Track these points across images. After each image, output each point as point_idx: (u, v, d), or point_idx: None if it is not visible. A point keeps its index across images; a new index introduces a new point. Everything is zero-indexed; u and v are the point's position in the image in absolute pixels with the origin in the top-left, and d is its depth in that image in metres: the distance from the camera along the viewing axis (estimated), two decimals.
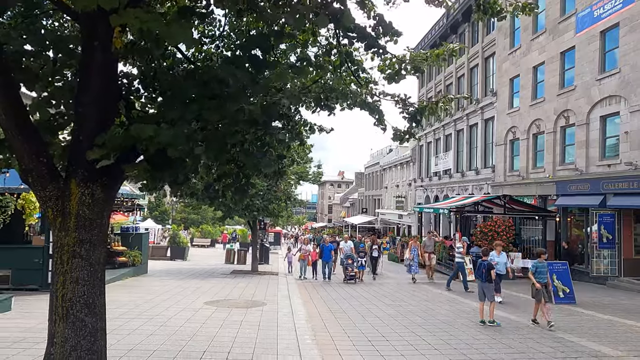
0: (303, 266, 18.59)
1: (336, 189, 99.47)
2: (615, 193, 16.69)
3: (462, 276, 15.87)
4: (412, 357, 7.17)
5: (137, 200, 18.27)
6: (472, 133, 29.92)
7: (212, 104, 3.22)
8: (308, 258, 18.65)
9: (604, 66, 18.02)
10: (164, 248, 28.24)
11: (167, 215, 58.29)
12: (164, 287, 13.81)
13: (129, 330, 7.99)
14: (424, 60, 4.92)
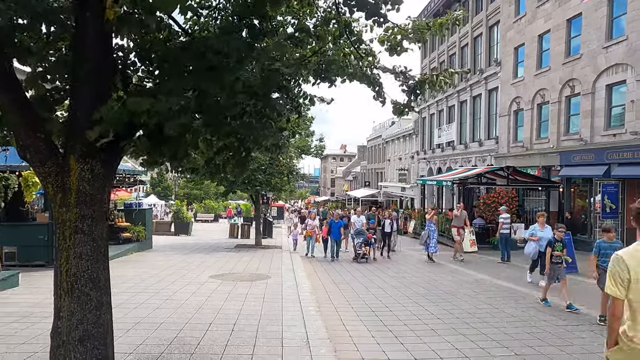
0: (310, 243, 17.05)
1: (339, 163, 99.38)
2: (620, 163, 16.58)
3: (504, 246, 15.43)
4: (415, 326, 7.26)
5: (139, 176, 18.29)
6: (476, 104, 29.61)
7: (209, 75, 3.16)
8: (315, 234, 17.18)
9: (611, 33, 17.64)
10: (168, 223, 28.44)
11: (169, 191, 58.57)
12: (168, 261, 13.95)
13: (135, 304, 8.10)
14: (427, 29, 4.79)
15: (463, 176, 22.54)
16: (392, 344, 6.36)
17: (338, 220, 16.48)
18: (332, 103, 5.50)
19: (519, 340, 6.55)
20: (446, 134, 33.59)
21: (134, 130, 3.66)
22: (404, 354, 5.92)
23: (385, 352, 5.99)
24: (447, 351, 6.05)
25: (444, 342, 6.43)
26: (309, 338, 6.24)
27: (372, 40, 4.79)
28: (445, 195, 33.02)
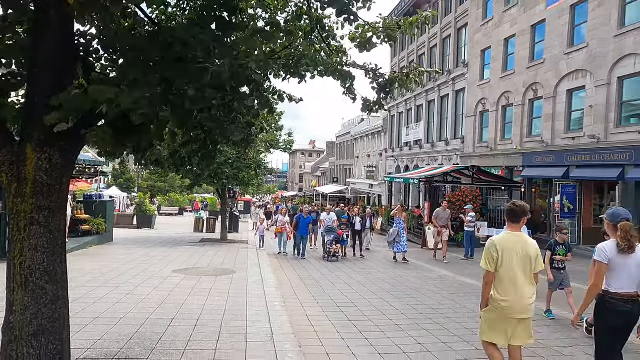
0: (282, 240, 16.27)
1: (307, 158, 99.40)
2: (578, 165, 17.26)
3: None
4: (379, 321, 7.35)
5: (101, 167, 17.76)
6: (443, 104, 30.16)
7: (177, 67, 3.08)
8: (286, 231, 16.29)
9: (573, 40, 18.29)
10: (130, 216, 27.79)
11: (132, 183, 57.18)
12: (130, 255, 13.63)
13: (94, 298, 7.87)
14: (397, 28, 4.84)
15: (430, 174, 22.96)
16: (356, 339, 6.41)
17: (307, 216, 15.91)
18: (301, 101, 5.47)
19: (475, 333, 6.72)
20: (414, 133, 34.09)
21: (96, 119, 3.54)
22: (367, 349, 5.98)
23: (350, 347, 6.04)
24: (410, 346, 6.15)
25: (408, 337, 6.53)
26: (273, 333, 6.22)
27: (344, 37, 4.80)
28: (412, 192, 33.56)
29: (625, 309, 4.05)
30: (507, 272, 4.24)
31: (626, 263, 4.08)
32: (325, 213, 16.90)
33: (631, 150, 15.01)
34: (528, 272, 4.28)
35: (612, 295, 4.10)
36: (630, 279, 4.08)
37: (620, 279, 4.09)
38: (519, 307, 4.21)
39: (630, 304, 4.06)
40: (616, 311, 4.07)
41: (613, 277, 4.11)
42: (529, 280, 4.28)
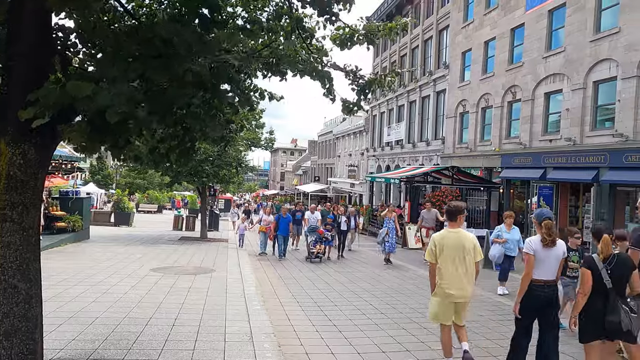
0: (264, 240, 15.81)
1: (289, 157, 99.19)
2: (555, 167, 17.61)
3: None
4: (359, 320, 7.39)
5: (78, 163, 17.41)
6: (424, 105, 30.43)
7: (156, 63, 3.04)
8: (270, 231, 15.67)
9: (550, 44, 18.64)
10: (108, 213, 27.31)
11: (110, 180, 56.24)
12: (107, 253, 13.40)
13: (69, 297, 7.72)
14: (377, 32, 4.88)
15: (410, 174, 23.16)
16: (336, 338, 6.44)
17: (287, 215, 15.44)
18: (282, 100, 5.46)
19: None
20: (395, 133, 34.32)
21: (73, 115, 3.47)
22: (347, 348, 6.01)
23: (329, 346, 6.05)
24: (389, 345, 6.20)
25: (387, 337, 6.58)
26: (252, 333, 6.20)
27: (324, 38, 4.81)
28: (393, 192, 33.79)
29: (543, 292, 4.74)
30: (446, 262, 5.06)
31: (547, 255, 4.76)
32: (309, 212, 16.44)
33: (605, 153, 15.38)
34: (465, 262, 5.05)
35: (535, 282, 4.76)
36: (550, 269, 4.77)
37: (542, 268, 4.75)
38: (457, 292, 5.03)
39: (547, 288, 4.76)
40: (538, 295, 4.74)
41: (536, 267, 4.76)
42: (466, 269, 5.05)
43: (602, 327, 4.28)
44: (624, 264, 4.41)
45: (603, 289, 4.30)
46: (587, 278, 4.36)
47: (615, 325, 4.21)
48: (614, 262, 4.35)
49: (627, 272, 4.40)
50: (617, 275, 4.33)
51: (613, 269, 4.33)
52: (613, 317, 4.20)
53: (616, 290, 4.30)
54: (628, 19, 14.90)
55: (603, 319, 4.25)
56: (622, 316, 4.18)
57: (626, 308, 4.25)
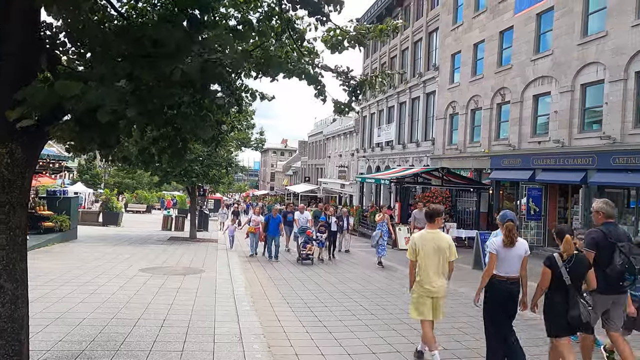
0: (254, 241, 15.33)
1: (279, 157, 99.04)
2: (544, 168, 17.79)
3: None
4: (349, 321, 7.40)
5: (66, 162, 17.22)
6: (415, 106, 30.57)
7: (145, 63, 3.01)
8: (260, 232, 15.26)
9: (539, 47, 18.84)
10: (96, 213, 27.04)
11: (99, 179, 55.71)
12: (95, 253, 13.28)
13: (57, 297, 7.64)
14: (368, 33, 4.89)
15: (400, 175, 23.25)
16: (326, 339, 6.44)
17: (277, 216, 15.01)
18: (273, 99, 5.46)
19: (447, 335, 6.85)
20: (385, 134, 34.43)
21: (61, 114, 3.43)
22: (337, 349, 6.02)
23: (319, 347, 6.06)
24: (379, 346, 6.21)
25: (377, 337, 6.60)
26: (242, 334, 6.18)
27: (316, 39, 4.81)
28: (383, 193, 33.89)
29: (507, 287, 5.18)
30: (424, 260, 5.49)
31: (508, 254, 5.19)
32: (298, 212, 16.20)
33: (593, 155, 15.58)
34: (442, 261, 5.51)
35: (498, 278, 5.20)
36: (512, 266, 5.21)
37: (504, 265, 5.20)
38: (434, 287, 5.46)
39: (510, 284, 5.19)
40: (501, 289, 5.19)
41: (499, 264, 5.21)
42: (442, 267, 5.52)
43: (566, 322, 4.70)
44: (581, 263, 4.83)
45: (563, 286, 4.74)
46: (547, 276, 4.84)
47: (576, 319, 4.65)
48: (573, 262, 4.77)
49: (583, 270, 4.85)
50: (575, 273, 4.77)
51: (572, 267, 4.76)
52: (574, 311, 4.65)
53: (574, 286, 4.74)
54: (615, 23, 15.11)
55: (566, 313, 4.67)
56: (581, 309, 4.65)
57: (584, 302, 4.73)
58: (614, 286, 5.10)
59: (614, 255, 5.04)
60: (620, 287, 5.14)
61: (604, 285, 5.01)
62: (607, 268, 5.04)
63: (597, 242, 5.15)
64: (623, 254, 5.04)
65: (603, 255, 5.09)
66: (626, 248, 5.12)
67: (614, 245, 5.07)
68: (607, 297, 5.15)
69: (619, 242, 5.11)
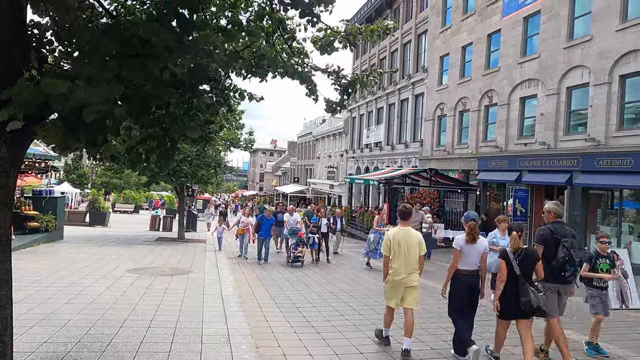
0: (243, 243, 15.10)
1: (268, 157, 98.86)
2: (530, 170, 17.99)
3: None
4: (337, 321, 7.42)
5: (52, 161, 17.02)
6: (403, 107, 30.72)
7: (134, 63, 3.00)
8: (248, 233, 15.06)
9: (526, 50, 19.06)
10: (83, 213, 26.75)
11: (86, 179, 55.10)
12: (81, 254, 13.14)
13: (41, 299, 7.55)
14: (359, 34, 4.92)
15: (389, 176, 23.34)
16: (314, 339, 6.45)
17: (270, 217, 14.60)
18: (262, 100, 5.46)
19: (434, 335, 6.91)
20: (374, 135, 34.55)
21: (48, 113, 3.40)
22: (325, 349, 6.03)
23: (307, 347, 6.07)
24: (367, 346, 6.24)
25: (364, 337, 6.63)
26: (230, 334, 6.17)
27: (305, 40, 4.83)
28: (372, 194, 34.00)
29: (467, 280, 5.88)
30: (398, 255, 6.04)
31: (470, 250, 5.86)
32: (287, 214, 15.69)
33: (578, 157, 15.80)
34: (413, 255, 6.05)
35: (460, 271, 5.89)
36: (472, 261, 5.87)
37: (465, 260, 5.87)
38: (406, 278, 6.04)
39: (471, 277, 5.89)
40: (463, 280, 5.88)
41: (462, 259, 5.87)
42: (413, 261, 6.06)
43: (518, 307, 5.33)
44: (530, 256, 5.51)
45: (514, 276, 5.40)
46: (503, 266, 5.48)
47: (527, 304, 5.27)
48: (522, 255, 5.47)
49: (532, 262, 5.51)
50: (524, 264, 5.43)
51: (521, 260, 5.44)
52: (525, 298, 5.29)
53: (524, 276, 5.39)
54: (600, 27, 15.34)
55: (517, 300, 5.30)
56: (531, 296, 5.28)
57: (533, 289, 5.35)
58: (558, 276, 5.72)
59: (558, 249, 5.66)
60: (563, 277, 5.74)
61: (550, 275, 5.68)
62: (553, 260, 5.68)
63: (545, 238, 5.78)
64: (565, 248, 5.65)
65: (549, 249, 5.72)
66: (569, 243, 5.71)
67: (559, 240, 5.69)
68: (552, 286, 5.78)
69: (563, 238, 5.71)
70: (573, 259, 5.67)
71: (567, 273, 5.72)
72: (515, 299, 5.34)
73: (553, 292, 5.75)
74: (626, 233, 14.81)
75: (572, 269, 5.71)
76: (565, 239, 5.73)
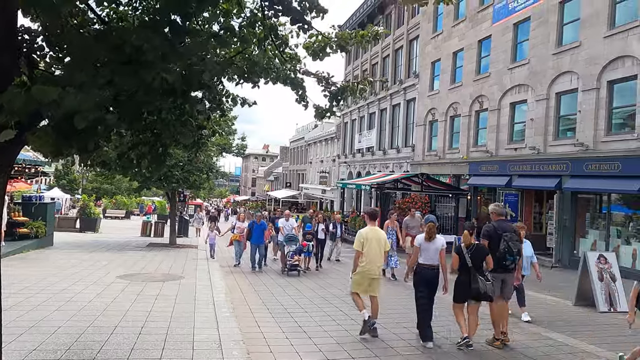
0: (239, 249, 14.38)
1: (260, 162, 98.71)
2: (520, 174, 18.16)
3: None
4: (329, 326, 7.42)
5: (42, 167, 16.89)
6: (395, 113, 30.88)
7: (126, 70, 3.00)
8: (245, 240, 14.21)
9: (516, 56, 19.28)
10: (73, 219, 26.51)
11: (76, 185, 54.65)
12: (71, 260, 13.03)
13: (31, 306, 7.48)
14: (350, 39, 4.96)
15: (381, 181, 23.42)
16: (305, 344, 6.44)
17: (261, 222, 14.00)
18: (254, 105, 5.48)
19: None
20: (366, 140, 34.67)
21: (38, 120, 3.39)
22: (316, 355, 6.03)
23: (299, 352, 6.06)
24: (359, 351, 6.25)
25: (357, 342, 6.64)
26: (221, 340, 6.15)
27: (297, 45, 4.86)
28: (363, 198, 34.06)
29: (427, 272, 6.80)
30: (368, 250, 6.91)
31: (428, 247, 6.82)
32: (283, 219, 14.69)
33: (567, 161, 15.97)
34: (380, 250, 7.03)
35: (420, 265, 6.85)
36: (430, 256, 6.80)
37: (425, 256, 6.83)
38: (374, 270, 6.98)
39: (430, 270, 6.80)
40: (423, 273, 6.83)
41: (422, 254, 6.85)
42: (379, 256, 7.05)
43: (469, 293, 6.49)
44: (480, 251, 6.58)
45: (467, 268, 6.51)
46: (456, 260, 6.66)
47: (477, 290, 6.41)
48: (474, 249, 6.56)
49: (482, 255, 6.56)
50: (475, 257, 6.51)
51: (472, 254, 6.53)
52: (475, 285, 6.40)
53: (475, 268, 6.47)
54: (588, 34, 15.56)
55: (469, 287, 6.45)
56: (480, 284, 6.38)
57: (482, 278, 6.43)
58: (501, 266, 6.68)
59: (501, 242, 6.64)
60: (505, 266, 6.69)
61: (496, 265, 6.62)
62: (497, 252, 6.63)
63: (490, 234, 6.78)
64: (505, 241, 6.64)
65: (494, 243, 6.70)
66: (508, 237, 6.66)
67: (501, 235, 6.67)
68: (499, 275, 6.72)
69: (504, 232, 6.69)
70: (512, 249, 6.67)
71: (508, 262, 6.68)
72: (468, 286, 6.46)
73: (498, 280, 6.70)
74: (614, 237, 14.97)
75: (511, 258, 6.71)
76: (506, 233, 6.70)
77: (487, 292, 6.40)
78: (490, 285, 6.47)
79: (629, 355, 5.66)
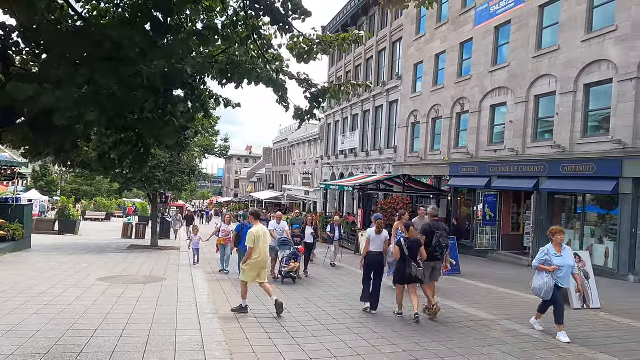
0: (224, 254, 13.36)
1: (243, 164, 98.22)
2: (499, 176, 18.43)
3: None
4: (312, 326, 7.41)
5: (19, 168, 16.54)
6: (378, 114, 31.05)
7: (106, 67, 2.96)
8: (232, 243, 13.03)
9: (496, 59, 19.58)
10: (52, 221, 25.99)
11: (55, 186, 53.61)
12: (50, 263, 12.77)
13: (8, 309, 7.31)
14: (332, 42, 4.98)
15: (363, 182, 23.50)
16: (288, 344, 6.42)
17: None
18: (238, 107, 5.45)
19: (406, 337, 6.97)
20: (349, 141, 34.78)
21: (14, 117, 3.32)
22: (300, 354, 6.02)
23: (282, 353, 6.04)
24: (341, 350, 6.26)
25: (339, 342, 6.64)
26: (204, 342, 6.09)
27: (281, 46, 4.85)
28: (346, 200, 34.15)
29: (374, 257, 8.65)
30: (258, 244, 8.12)
31: (377, 238, 8.67)
32: (274, 221, 13.02)
33: (545, 163, 16.27)
34: (267, 244, 8.40)
35: (370, 252, 8.63)
36: (377, 245, 8.65)
37: (373, 245, 8.63)
38: (264, 260, 8.31)
39: (377, 256, 8.66)
40: (371, 258, 8.65)
41: (372, 244, 8.62)
42: (267, 249, 8.41)
43: (404, 276, 7.99)
44: (416, 243, 8.09)
45: (404, 256, 8.01)
46: (397, 251, 8.13)
47: (409, 275, 7.91)
48: (410, 242, 8.06)
49: (417, 247, 8.07)
50: (411, 248, 8.00)
51: (409, 246, 8.01)
52: (409, 270, 7.90)
53: (410, 256, 7.97)
54: (566, 38, 15.89)
55: (405, 272, 7.93)
56: (412, 269, 7.89)
57: (415, 264, 7.93)
58: (433, 256, 8.49)
59: (433, 238, 8.52)
60: (435, 257, 8.58)
61: (428, 256, 8.30)
62: (430, 246, 8.44)
63: (425, 231, 8.68)
64: (437, 237, 8.55)
65: (428, 238, 8.53)
66: (439, 234, 8.57)
67: (434, 232, 8.58)
68: (430, 263, 8.48)
69: (437, 230, 8.63)
70: (442, 244, 8.62)
71: (438, 253, 8.63)
72: (404, 271, 7.99)
73: (428, 268, 8.46)
74: (588, 236, 15.31)
75: (440, 250, 8.67)
76: (439, 231, 8.65)
77: (417, 275, 7.94)
78: (422, 270, 8.07)
79: None
